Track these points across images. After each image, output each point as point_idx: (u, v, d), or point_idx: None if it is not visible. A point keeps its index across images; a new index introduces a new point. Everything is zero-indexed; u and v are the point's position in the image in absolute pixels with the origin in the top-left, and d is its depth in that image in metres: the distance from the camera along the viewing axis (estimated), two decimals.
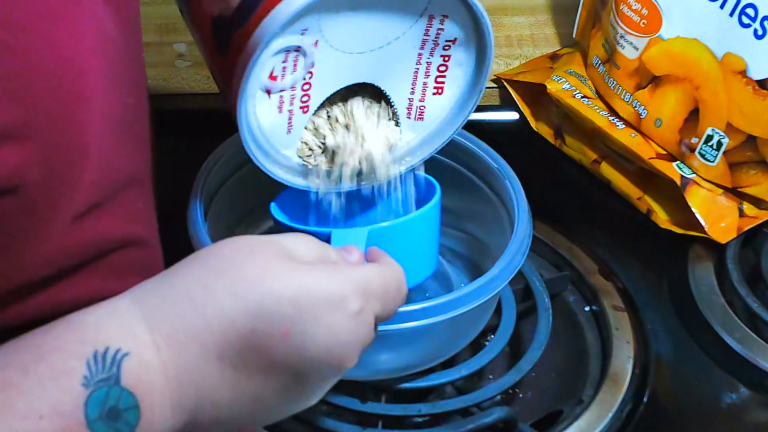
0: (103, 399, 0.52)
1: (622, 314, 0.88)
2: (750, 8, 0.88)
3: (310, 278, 0.57)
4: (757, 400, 0.85)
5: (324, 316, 0.57)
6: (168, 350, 0.54)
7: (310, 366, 0.57)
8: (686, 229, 0.94)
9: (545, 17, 1.15)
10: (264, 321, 0.55)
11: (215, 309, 0.55)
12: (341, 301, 0.57)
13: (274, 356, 0.56)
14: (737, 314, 0.88)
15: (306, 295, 0.56)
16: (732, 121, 0.91)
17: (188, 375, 0.55)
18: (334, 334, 0.57)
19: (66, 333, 0.53)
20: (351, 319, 0.58)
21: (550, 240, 0.93)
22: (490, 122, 1.06)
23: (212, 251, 0.58)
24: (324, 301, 0.57)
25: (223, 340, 0.55)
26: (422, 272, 0.77)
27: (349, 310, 0.58)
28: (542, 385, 0.84)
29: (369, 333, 0.59)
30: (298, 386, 0.58)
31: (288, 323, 0.56)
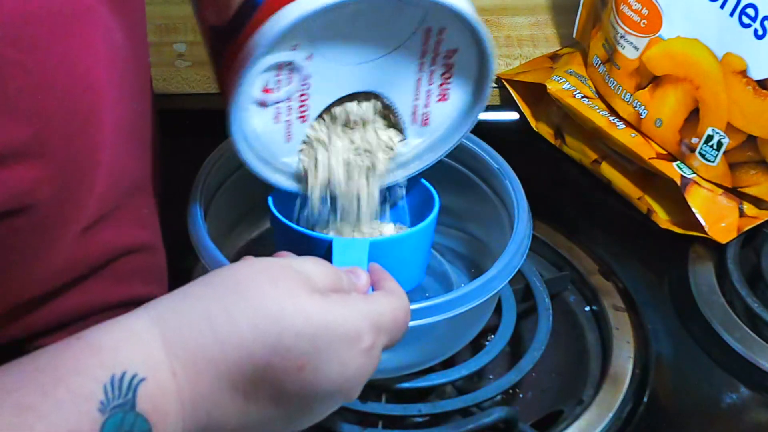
0: (119, 425, 0.52)
1: (623, 314, 0.88)
2: (750, 8, 0.88)
3: (330, 315, 0.57)
4: (757, 400, 0.85)
5: (339, 353, 0.57)
6: (184, 376, 0.55)
7: (319, 398, 0.58)
8: (686, 229, 0.94)
9: (545, 17, 1.15)
10: (281, 356, 0.56)
11: (234, 340, 0.55)
12: (357, 338, 0.58)
13: (285, 389, 0.57)
14: (737, 314, 0.88)
15: (324, 332, 0.57)
16: (732, 121, 0.91)
17: (201, 401, 0.55)
18: (346, 368, 0.58)
19: (84, 355, 0.53)
20: (363, 355, 0.59)
21: (550, 240, 0.93)
22: (490, 122, 1.06)
23: (235, 275, 0.58)
24: (341, 338, 0.57)
25: (239, 370, 0.55)
26: (412, 281, 0.77)
27: (363, 346, 0.59)
28: (542, 385, 0.84)
29: (375, 364, 0.61)
30: (303, 414, 0.59)
31: (304, 359, 0.56)
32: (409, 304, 0.64)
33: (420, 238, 0.76)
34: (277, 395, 0.57)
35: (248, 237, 0.87)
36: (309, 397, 0.58)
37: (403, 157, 0.75)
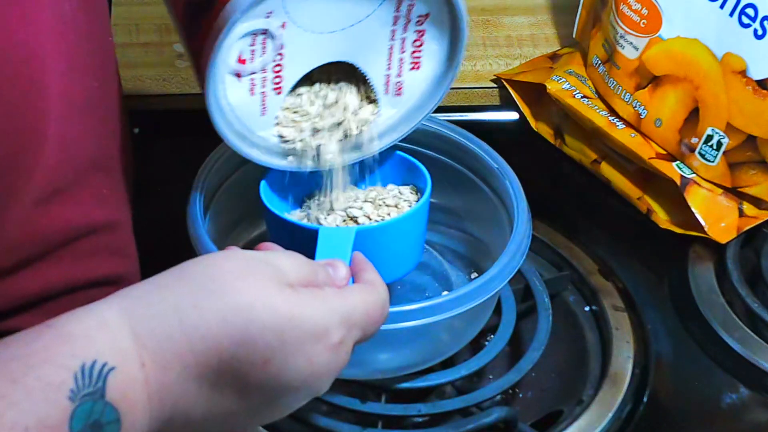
0: (88, 413, 0.52)
1: (622, 314, 0.88)
2: (750, 8, 0.88)
3: (298, 309, 0.57)
4: (757, 400, 0.85)
5: (305, 348, 0.57)
6: (152, 367, 0.55)
7: (285, 392, 0.58)
8: (686, 229, 0.94)
9: (545, 17, 1.15)
10: (246, 349, 0.56)
11: (202, 332, 0.55)
12: (324, 333, 0.58)
13: (250, 381, 0.57)
14: (737, 314, 0.88)
15: (291, 327, 0.57)
16: (732, 121, 0.91)
17: (168, 392, 0.56)
18: (313, 364, 0.58)
19: (54, 344, 0.53)
20: (331, 350, 0.59)
21: (550, 240, 0.93)
22: (490, 122, 1.06)
23: (206, 269, 0.58)
24: (308, 333, 0.57)
25: (205, 362, 0.56)
26: (406, 266, 0.77)
27: (331, 341, 0.59)
28: (542, 385, 0.84)
29: (346, 359, 0.60)
30: (270, 407, 0.59)
31: (269, 353, 0.56)
32: (387, 297, 0.64)
33: (411, 223, 0.76)
34: (242, 388, 0.57)
35: (248, 237, 0.87)
36: (275, 390, 0.58)
37: (378, 129, 0.75)
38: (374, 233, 0.74)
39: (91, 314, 0.55)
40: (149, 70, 1.05)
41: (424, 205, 0.77)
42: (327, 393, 0.76)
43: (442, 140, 0.85)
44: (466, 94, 1.07)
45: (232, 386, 0.57)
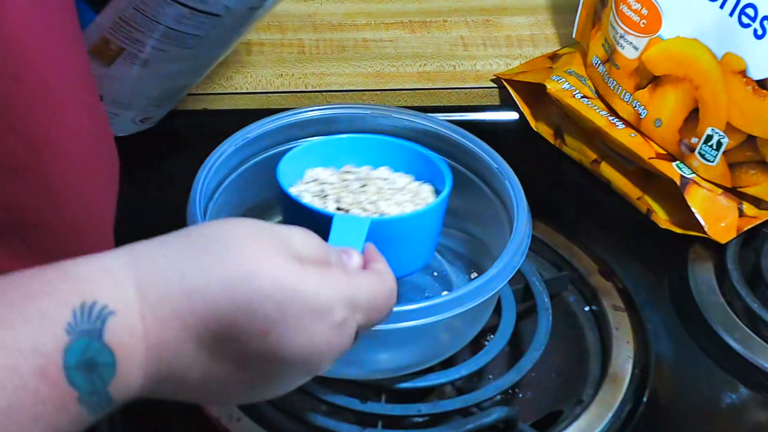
0: (83, 349, 0.52)
1: (622, 314, 0.88)
2: (750, 8, 0.88)
3: (303, 283, 0.57)
4: (756, 400, 0.85)
5: (306, 323, 0.57)
6: (152, 321, 0.54)
7: (282, 367, 0.58)
8: (686, 229, 0.94)
9: (545, 17, 1.16)
10: (247, 317, 0.55)
11: (203, 294, 0.55)
12: (327, 311, 0.58)
13: (248, 351, 0.56)
14: (737, 314, 0.88)
15: (293, 300, 0.56)
16: (732, 121, 0.91)
17: (165, 350, 0.55)
18: (312, 342, 0.57)
19: (57, 280, 0.53)
20: (332, 330, 0.58)
21: (550, 240, 0.93)
22: (490, 122, 1.06)
23: (216, 232, 0.58)
24: (310, 309, 0.57)
25: (204, 325, 0.55)
26: (416, 262, 0.78)
27: (333, 320, 0.58)
28: (542, 385, 0.84)
29: (348, 342, 0.60)
30: (266, 382, 0.58)
31: (269, 324, 0.56)
32: (395, 288, 0.63)
33: (426, 219, 0.76)
34: (240, 357, 0.56)
35: None
36: (272, 363, 0.57)
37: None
38: (389, 225, 0.74)
39: (97, 260, 0.55)
40: None
41: (442, 204, 0.77)
42: (327, 393, 0.76)
43: (442, 140, 0.85)
44: (466, 94, 1.07)
45: (229, 354, 0.56)
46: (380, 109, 0.87)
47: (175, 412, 0.80)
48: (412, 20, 1.14)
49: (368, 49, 1.10)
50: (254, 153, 0.84)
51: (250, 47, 1.09)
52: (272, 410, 0.77)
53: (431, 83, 1.07)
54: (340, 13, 1.14)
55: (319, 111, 0.86)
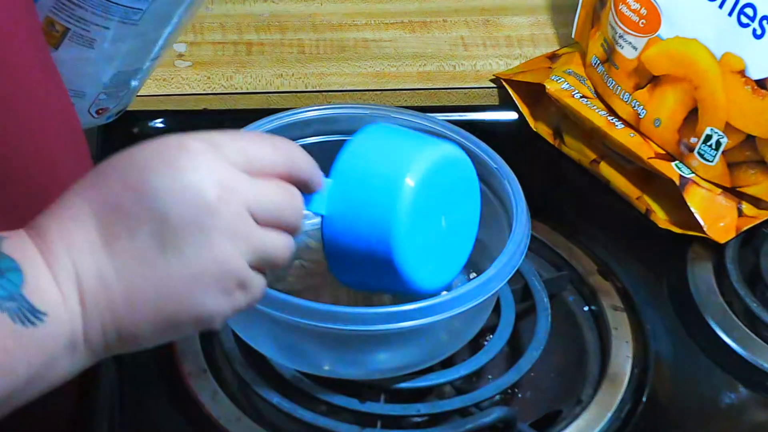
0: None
1: (621, 314, 0.88)
2: (749, 8, 0.89)
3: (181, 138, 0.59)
4: (756, 400, 0.85)
5: (173, 159, 0.58)
6: (47, 220, 0.58)
7: (164, 212, 0.57)
8: (685, 229, 0.94)
9: (545, 17, 1.16)
10: (123, 170, 0.58)
11: (99, 183, 0.58)
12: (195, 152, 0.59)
13: (127, 208, 0.57)
14: (736, 314, 0.88)
15: (166, 144, 0.59)
16: (731, 121, 0.91)
17: (78, 251, 0.57)
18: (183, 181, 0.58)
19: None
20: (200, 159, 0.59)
21: (549, 240, 0.93)
22: (489, 122, 1.06)
23: (156, 145, 0.59)
24: (176, 146, 0.59)
25: (93, 197, 0.58)
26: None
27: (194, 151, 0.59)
28: (541, 384, 0.84)
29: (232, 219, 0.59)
30: (167, 242, 0.58)
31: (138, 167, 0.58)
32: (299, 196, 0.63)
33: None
34: (128, 225, 0.57)
35: None
36: (154, 211, 0.57)
37: None
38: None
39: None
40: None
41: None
42: (326, 393, 0.77)
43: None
44: (466, 94, 1.07)
45: (118, 226, 0.57)
46: (380, 109, 0.87)
47: (175, 411, 0.80)
48: (412, 20, 1.14)
49: (368, 49, 1.10)
50: None
51: (250, 47, 1.09)
52: (272, 410, 0.77)
53: (431, 83, 1.07)
54: (340, 13, 1.14)
55: (319, 111, 0.86)
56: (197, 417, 0.78)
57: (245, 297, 0.61)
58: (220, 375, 0.81)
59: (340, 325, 0.73)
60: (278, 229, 0.62)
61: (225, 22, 1.12)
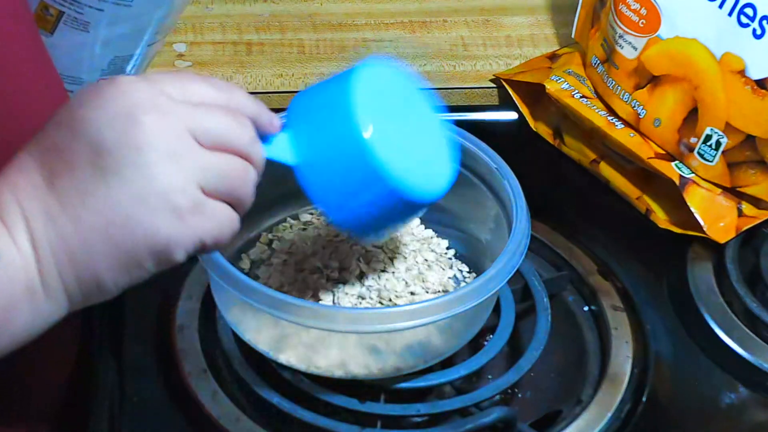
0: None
1: (621, 314, 0.88)
2: (749, 8, 0.88)
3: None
4: (756, 400, 0.85)
5: (98, 93, 0.58)
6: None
7: (98, 139, 0.57)
8: (685, 229, 0.94)
9: (545, 17, 1.16)
10: (53, 118, 0.59)
11: (40, 131, 0.59)
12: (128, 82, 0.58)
13: (63, 145, 0.58)
14: (736, 314, 0.88)
15: (105, 82, 0.59)
16: (731, 121, 0.91)
17: (8, 190, 0.58)
18: (111, 102, 0.58)
19: None
20: (132, 87, 0.58)
21: (549, 240, 0.93)
22: (489, 122, 1.06)
23: (105, 87, 0.59)
24: (105, 84, 0.59)
25: (34, 147, 0.59)
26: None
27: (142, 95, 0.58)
28: (541, 384, 0.84)
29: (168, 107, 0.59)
30: (105, 168, 0.57)
31: (78, 104, 0.58)
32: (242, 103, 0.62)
33: None
34: (63, 153, 0.57)
35: (247, 236, 0.87)
36: (86, 133, 0.57)
37: None
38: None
39: None
40: (149, 70, 1.05)
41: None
42: (326, 393, 0.77)
43: None
44: (466, 94, 1.07)
45: (65, 172, 0.57)
46: None
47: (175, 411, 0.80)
48: (412, 20, 1.14)
49: (368, 49, 1.10)
50: None
51: (250, 47, 1.09)
52: (272, 410, 0.77)
53: (431, 83, 1.07)
54: (340, 13, 1.14)
55: None
56: (197, 417, 0.78)
57: (202, 223, 0.59)
58: (220, 375, 0.81)
59: (340, 326, 0.73)
60: (229, 152, 0.60)
61: (225, 22, 1.12)
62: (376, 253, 0.83)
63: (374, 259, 0.82)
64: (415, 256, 0.84)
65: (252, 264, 0.86)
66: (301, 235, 0.87)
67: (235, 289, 0.73)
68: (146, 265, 0.59)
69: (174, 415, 0.80)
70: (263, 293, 0.73)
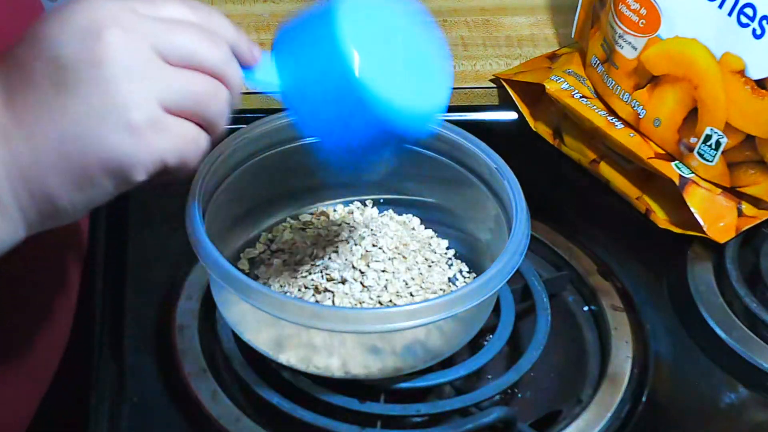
0: None
1: (621, 314, 0.88)
2: (748, 8, 0.88)
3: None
4: (755, 399, 0.85)
5: (62, 11, 0.57)
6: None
7: (56, 53, 0.56)
8: (685, 229, 0.94)
9: (545, 17, 1.16)
10: (24, 42, 0.57)
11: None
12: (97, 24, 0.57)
13: (23, 59, 0.57)
14: (736, 314, 0.88)
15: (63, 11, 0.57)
16: (731, 121, 0.91)
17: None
18: (74, 16, 0.57)
19: None
20: (97, 3, 0.57)
21: (549, 240, 0.93)
22: (489, 122, 1.06)
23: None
24: (71, 3, 0.57)
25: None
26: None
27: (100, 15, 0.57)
28: (541, 384, 0.84)
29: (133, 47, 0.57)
30: (62, 82, 0.57)
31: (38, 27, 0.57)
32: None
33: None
34: (23, 74, 0.57)
35: (247, 237, 0.87)
36: (56, 69, 0.56)
37: None
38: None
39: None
40: None
41: None
42: (325, 393, 0.77)
43: (441, 140, 0.85)
44: (466, 94, 1.07)
45: (23, 87, 0.56)
46: None
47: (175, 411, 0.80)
48: None
49: None
50: (254, 153, 0.84)
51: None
52: (272, 410, 0.77)
53: None
54: None
55: None
56: (197, 417, 0.78)
57: (162, 141, 0.57)
58: (220, 375, 0.81)
59: (340, 326, 0.73)
60: (198, 71, 0.59)
61: None
62: (377, 253, 0.83)
63: (374, 259, 0.82)
64: (415, 256, 0.84)
65: (252, 264, 0.86)
66: (300, 235, 0.87)
67: (235, 289, 0.73)
68: (102, 183, 0.58)
69: (174, 415, 0.80)
70: (263, 293, 0.73)
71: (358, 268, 0.82)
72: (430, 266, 0.84)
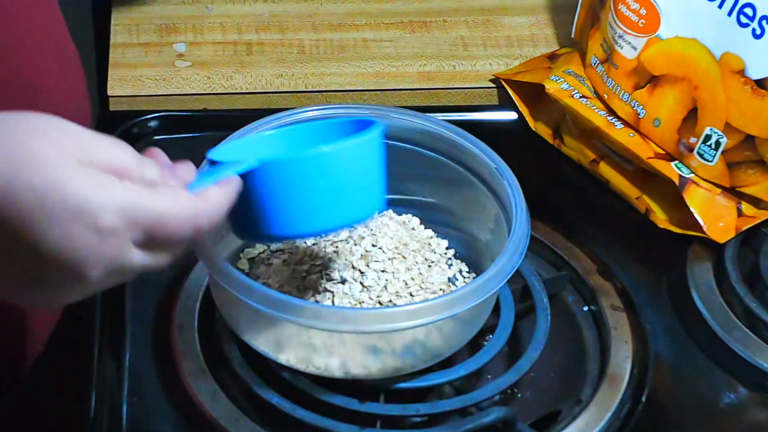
0: None
1: (621, 314, 0.88)
2: (748, 8, 0.89)
3: (69, 181, 0.56)
4: (755, 399, 0.85)
5: (63, 220, 0.56)
6: None
7: (44, 264, 0.57)
8: (685, 229, 0.94)
9: (545, 17, 1.16)
10: (4, 201, 0.56)
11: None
12: (90, 214, 0.57)
13: (11, 240, 0.56)
14: (736, 314, 0.88)
15: (54, 194, 0.56)
16: (730, 121, 0.91)
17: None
18: (70, 241, 0.57)
19: None
20: (95, 235, 0.57)
21: (549, 240, 0.93)
22: (489, 122, 1.06)
23: (15, 118, 0.58)
24: (70, 207, 0.56)
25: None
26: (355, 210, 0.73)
27: (97, 225, 0.57)
28: (541, 384, 0.84)
29: (117, 254, 0.58)
30: (37, 279, 0.58)
31: (26, 213, 0.56)
32: (197, 213, 0.61)
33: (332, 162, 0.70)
34: (4, 248, 0.57)
35: None
36: (32, 258, 0.57)
37: None
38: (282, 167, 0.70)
39: None
40: (149, 70, 1.06)
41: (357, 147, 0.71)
42: (325, 393, 0.77)
43: (441, 140, 0.85)
44: (466, 94, 1.07)
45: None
46: (380, 109, 0.87)
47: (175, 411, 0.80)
48: (412, 20, 1.14)
49: (368, 49, 1.10)
50: None
51: (250, 47, 1.09)
52: (272, 410, 0.78)
53: (431, 83, 1.07)
54: (340, 13, 1.14)
55: (319, 111, 0.86)
56: (197, 417, 0.78)
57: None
58: (219, 375, 0.81)
59: (339, 326, 0.73)
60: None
61: (225, 22, 1.12)
62: (376, 253, 0.83)
63: (374, 259, 0.82)
64: (415, 256, 0.84)
65: (252, 264, 0.86)
66: None
67: (234, 289, 0.73)
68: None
69: (174, 415, 0.80)
70: (263, 293, 0.73)
71: (357, 268, 0.82)
72: (429, 266, 0.84)
